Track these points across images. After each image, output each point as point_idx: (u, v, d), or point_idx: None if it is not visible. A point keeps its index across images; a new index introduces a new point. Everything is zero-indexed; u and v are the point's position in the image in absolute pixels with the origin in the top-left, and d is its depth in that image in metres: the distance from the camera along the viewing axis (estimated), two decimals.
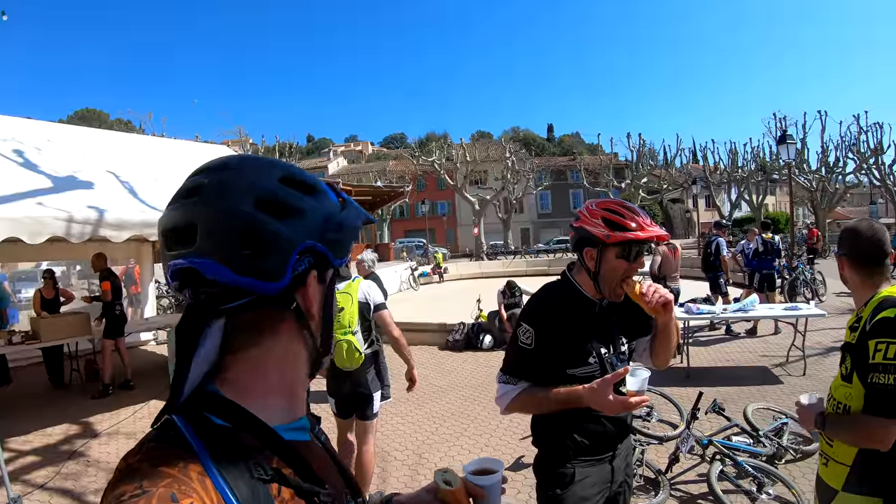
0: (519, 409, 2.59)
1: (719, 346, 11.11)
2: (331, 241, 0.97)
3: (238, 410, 0.91)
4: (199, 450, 0.83)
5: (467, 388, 9.08)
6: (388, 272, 22.32)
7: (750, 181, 45.33)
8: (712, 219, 37.60)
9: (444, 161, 51.27)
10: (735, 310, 9.75)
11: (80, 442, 7.38)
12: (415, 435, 7.12)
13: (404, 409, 8.09)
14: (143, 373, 10.82)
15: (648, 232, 2.40)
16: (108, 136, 11.24)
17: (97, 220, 6.66)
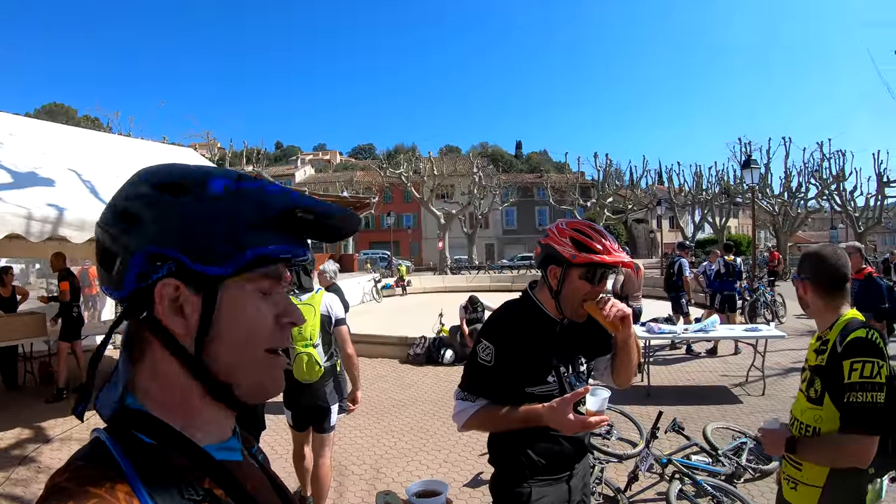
0: (477, 426, 2.56)
1: (680, 366, 11.23)
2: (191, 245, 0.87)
3: (165, 428, 0.88)
4: (126, 469, 0.80)
5: (427, 403, 9.04)
6: (351, 283, 22.31)
7: (713, 204, 46.01)
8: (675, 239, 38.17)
9: (411, 174, 51.24)
10: (696, 330, 9.86)
11: (31, 447, 7.22)
12: (373, 449, 7.05)
13: (363, 422, 8.03)
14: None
15: (614, 257, 2.39)
16: (73, 132, 11.06)
17: (57, 219, 6.54)
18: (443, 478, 6.03)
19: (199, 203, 0.88)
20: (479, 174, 51.00)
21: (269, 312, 0.92)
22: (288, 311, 0.95)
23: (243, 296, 0.90)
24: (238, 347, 0.90)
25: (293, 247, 0.92)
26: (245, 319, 0.90)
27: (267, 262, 0.90)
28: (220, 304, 0.89)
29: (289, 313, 0.95)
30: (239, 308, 0.90)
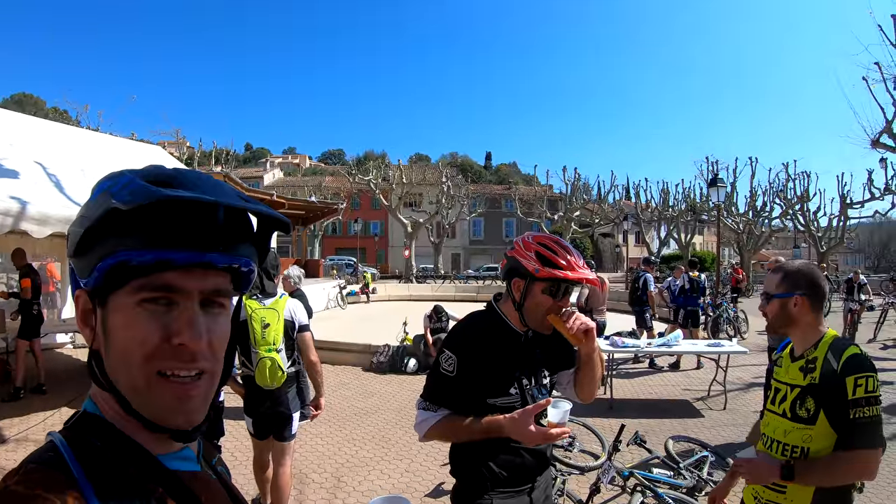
0: (438, 436, 2.55)
1: (643, 379, 11.30)
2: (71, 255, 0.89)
3: (117, 435, 0.88)
4: (78, 475, 0.80)
5: (389, 412, 8.99)
6: (316, 289, 22.24)
7: (679, 220, 46.57)
8: (641, 254, 38.50)
9: (380, 181, 51.20)
10: (659, 344, 9.96)
11: None
12: (334, 457, 6.99)
13: (324, 430, 7.97)
14: (57, 377, 10.47)
15: (578, 273, 2.38)
16: (41, 124, 10.89)
17: (19, 213, 6.42)
18: (404, 488, 6.04)
19: (81, 209, 0.88)
20: (447, 184, 51.12)
21: (151, 330, 0.85)
22: (180, 330, 0.86)
23: (123, 310, 0.86)
24: (120, 365, 0.87)
25: (160, 252, 0.82)
26: (121, 336, 0.86)
27: (143, 273, 0.84)
28: (107, 318, 0.87)
29: (179, 332, 0.86)
30: (119, 324, 0.86)
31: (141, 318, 0.85)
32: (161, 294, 0.85)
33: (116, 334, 0.86)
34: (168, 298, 0.86)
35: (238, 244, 0.89)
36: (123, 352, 0.85)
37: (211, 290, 0.89)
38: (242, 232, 0.90)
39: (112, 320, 0.86)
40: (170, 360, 0.86)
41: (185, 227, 0.82)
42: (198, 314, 0.87)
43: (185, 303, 0.87)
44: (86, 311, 0.89)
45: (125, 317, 0.85)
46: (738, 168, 43.51)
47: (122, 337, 0.85)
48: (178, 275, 0.85)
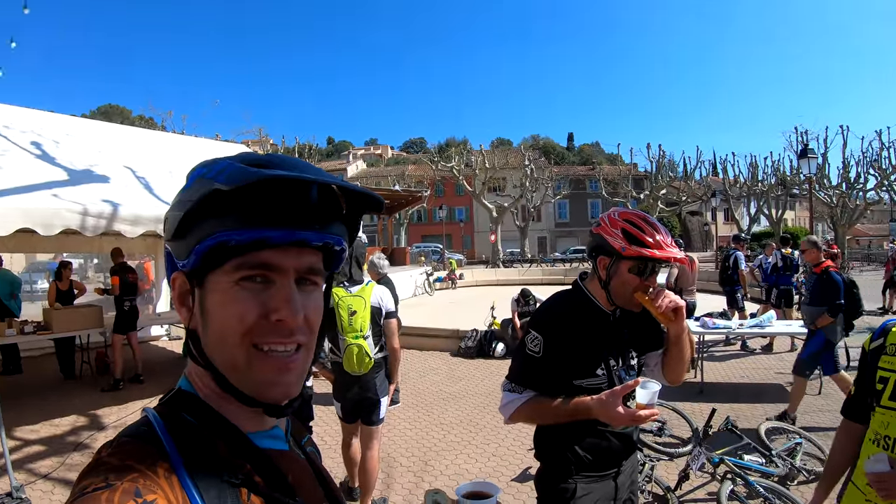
0: (524, 418, 2.50)
1: (734, 362, 10.98)
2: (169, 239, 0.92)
3: (208, 411, 0.91)
4: (169, 447, 0.82)
5: (477, 396, 9.00)
6: (403, 276, 22.35)
7: (769, 195, 44.91)
8: (730, 232, 37.34)
9: (462, 167, 51.11)
10: (751, 325, 9.55)
11: (86, 434, 7.42)
12: (422, 441, 7.05)
13: (413, 414, 8.06)
14: (153, 367, 10.93)
15: (665, 252, 2.29)
16: (127, 131, 11.35)
17: (111, 214, 6.66)
18: (491, 472, 6.04)
19: (178, 196, 0.90)
20: (530, 167, 50.74)
21: (249, 307, 0.87)
22: (278, 306, 0.87)
23: (220, 289, 0.88)
24: (218, 342, 0.89)
25: (258, 231, 0.84)
26: (219, 314, 0.88)
27: (240, 252, 0.85)
28: (205, 298, 0.89)
29: (277, 308, 0.87)
30: (216, 302, 0.88)
31: (239, 296, 0.87)
32: (258, 272, 0.87)
33: (215, 313, 0.88)
34: (265, 276, 0.87)
35: (331, 223, 0.91)
36: (222, 329, 0.88)
37: (306, 269, 0.91)
38: (334, 211, 0.91)
39: (210, 299, 0.88)
40: (268, 335, 0.88)
41: (281, 206, 0.84)
42: (294, 291, 0.89)
43: (282, 280, 0.88)
44: (183, 293, 0.92)
45: (223, 296, 0.87)
46: (829, 138, 41.54)
47: (221, 315, 0.87)
48: (275, 253, 0.86)
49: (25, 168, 6.92)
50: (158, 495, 0.74)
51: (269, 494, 0.87)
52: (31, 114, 9.39)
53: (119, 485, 0.73)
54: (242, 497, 0.84)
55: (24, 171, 6.76)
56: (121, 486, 0.73)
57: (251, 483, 0.86)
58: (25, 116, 9.08)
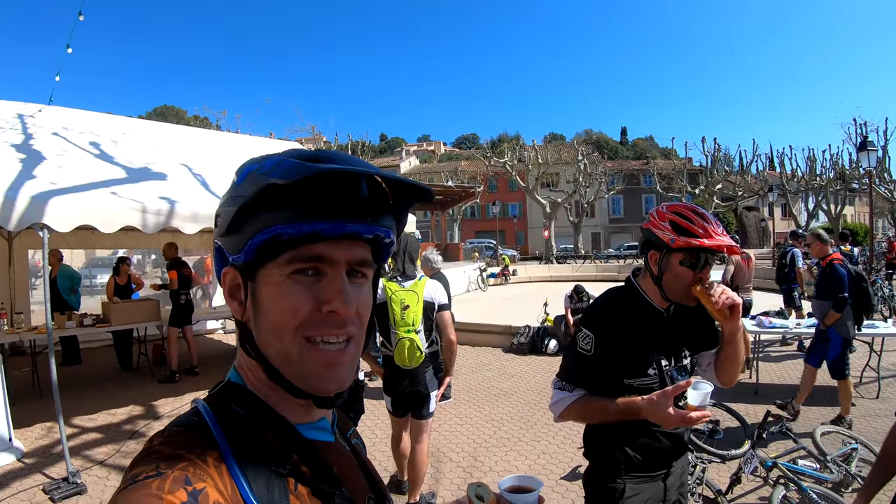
0: (574, 417, 2.48)
1: (790, 363, 10.65)
2: (221, 233, 0.92)
3: (257, 402, 0.93)
4: (218, 437, 0.85)
5: (529, 393, 8.96)
6: (456, 272, 22.39)
7: (828, 190, 43.85)
8: (788, 228, 36.55)
9: (515, 162, 51.05)
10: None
11: (142, 423, 7.63)
12: (472, 437, 7.05)
13: (463, 410, 8.06)
14: (208, 360, 11.16)
15: (716, 240, 2.23)
16: (183, 130, 11.59)
17: (169, 212, 6.78)
18: (540, 469, 6.02)
19: (229, 192, 0.91)
20: (583, 162, 50.47)
21: (303, 300, 0.89)
22: (330, 298, 0.89)
23: (273, 283, 0.89)
24: (272, 333, 0.90)
25: (311, 223, 0.85)
26: (272, 307, 0.89)
27: (293, 245, 0.87)
28: (257, 291, 0.91)
29: (330, 300, 0.89)
30: (269, 295, 0.89)
31: (292, 289, 0.88)
32: (311, 265, 0.88)
33: (268, 306, 0.90)
34: (317, 269, 0.89)
35: (381, 215, 0.92)
36: (275, 322, 0.89)
37: (357, 261, 0.92)
38: (384, 204, 0.92)
39: (263, 293, 0.90)
40: (321, 327, 0.89)
41: (334, 199, 0.85)
42: (346, 282, 0.91)
43: (334, 272, 0.90)
44: (234, 287, 0.94)
45: (276, 289, 0.89)
46: (889, 129, 40.49)
47: (275, 308, 0.89)
48: (327, 245, 0.88)
49: (84, 167, 7.07)
50: (208, 483, 0.76)
51: (316, 484, 0.89)
52: (88, 115, 9.65)
53: (170, 473, 0.75)
54: (289, 487, 0.86)
55: (83, 171, 6.91)
56: (171, 474, 0.75)
57: (298, 473, 0.88)
58: (83, 118, 9.33)
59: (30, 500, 5.49)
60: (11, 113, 8.53)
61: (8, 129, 7.68)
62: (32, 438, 7.06)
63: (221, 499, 0.77)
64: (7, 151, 6.84)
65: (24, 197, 5.70)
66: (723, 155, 48.70)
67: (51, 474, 6.01)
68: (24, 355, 10.08)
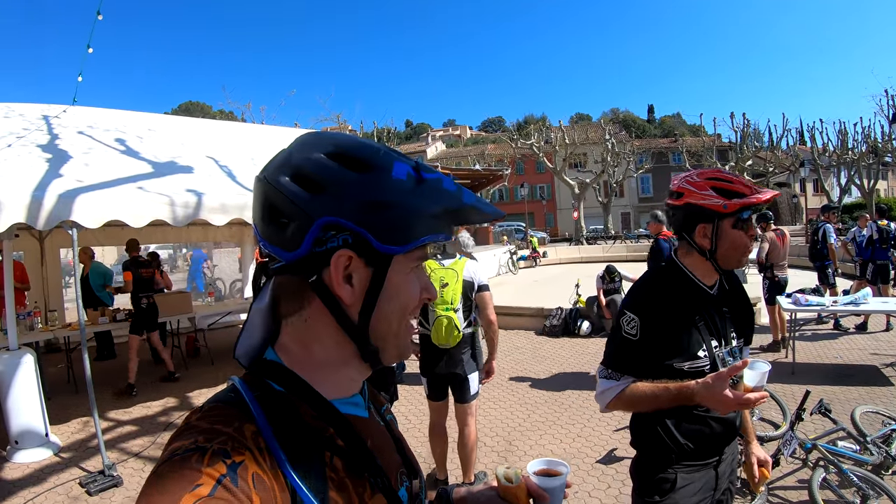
0: (622, 406, 2.34)
1: (826, 342, 10.47)
2: (372, 222, 0.92)
3: (294, 379, 0.96)
4: (256, 412, 0.88)
5: (563, 375, 8.91)
6: (486, 255, 22.43)
7: (860, 164, 42.93)
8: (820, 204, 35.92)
9: (542, 144, 50.91)
10: (846, 303, 8.93)
11: (177, 414, 7.75)
12: (506, 421, 7.01)
13: (497, 393, 8.04)
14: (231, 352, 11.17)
15: (765, 193, 2.18)
16: (206, 123, 11.62)
17: (197, 204, 6.77)
18: (575, 453, 5.96)
19: (383, 183, 0.93)
20: (611, 141, 50.14)
21: (417, 287, 1.01)
22: (428, 286, 1.03)
23: (403, 272, 0.98)
24: (392, 317, 0.98)
25: (446, 232, 0.99)
26: (402, 293, 0.98)
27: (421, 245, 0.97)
28: (384, 277, 0.95)
29: (428, 289, 1.03)
30: (400, 283, 0.97)
31: (414, 278, 1.00)
32: (423, 259, 1.02)
33: (397, 290, 0.97)
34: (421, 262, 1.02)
35: None
36: (401, 307, 0.99)
37: None
38: None
39: (393, 280, 0.96)
40: (417, 309, 1.03)
41: None
42: None
43: (423, 268, 1.05)
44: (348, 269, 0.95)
45: (406, 276, 0.99)
46: None
47: (402, 294, 0.98)
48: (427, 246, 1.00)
49: (111, 164, 7.09)
50: (246, 456, 0.79)
51: (351, 458, 0.93)
52: (112, 113, 9.70)
53: (208, 447, 0.78)
54: (325, 459, 0.90)
55: (109, 168, 6.92)
56: (210, 448, 0.77)
57: (334, 446, 0.92)
58: (107, 116, 9.39)
59: (67, 493, 5.56)
60: (36, 115, 8.58)
61: (34, 131, 7.71)
62: (69, 433, 7.16)
63: (260, 471, 0.80)
64: (33, 152, 6.88)
65: (52, 196, 5.72)
66: (752, 130, 48.12)
67: (87, 468, 6.10)
68: (60, 352, 10.19)
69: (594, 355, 9.98)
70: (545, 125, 58.93)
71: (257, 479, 0.78)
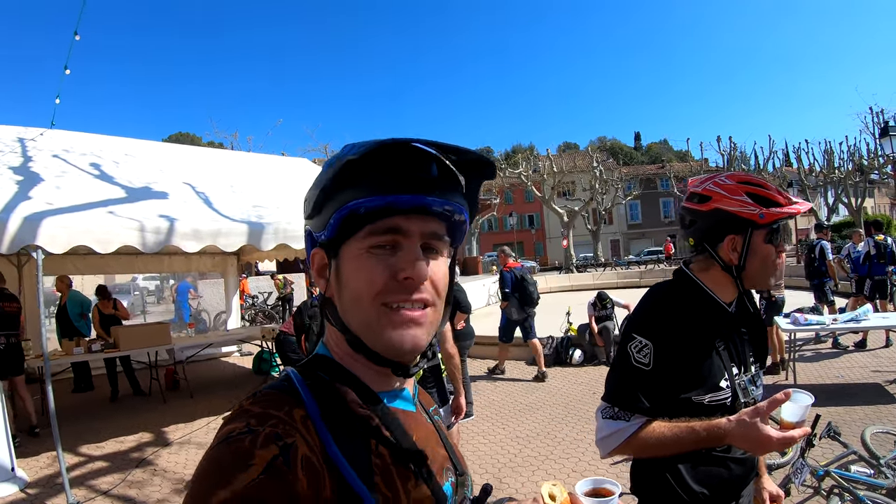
0: (632, 451, 1.94)
1: (826, 362, 10.23)
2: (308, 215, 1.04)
3: (341, 370, 1.00)
4: (306, 398, 0.92)
5: (555, 407, 8.57)
6: (475, 286, 22.21)
7: (847, 183, 43.00)
8: (809, 224, 36.00)
9: (530, 173, 51.04)
10: (846, 320, 8.69)
11: (150, 450, 7.44)
12: (496, 457, 6.68)
13: (486, 427, 7.72)
14: (224, 383, 11.07)
15: (802, 204, 1.89)
16: (189, 150, 11.55)
17: (169, 230, 6.60)
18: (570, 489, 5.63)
19: (315, 180, 1.01)
20: (599, 168, 50.25)
21: (380, 271, 0.94)
22: (405, 266, 0.94)
23: (353, 256, 0.96)
24: (352, 304, 0.97)
25: (387, 196, 0.92)
26: (353, 279, 0.96)
27: (371, 220, 0.94)
28: (340, 267, 0.99)
29: (404, 268, 0.94)
30: (351, 268, 0.96)
31: (370, 262, 0.95)
32: (388, 238, 0.95)
33: (349, 278, 0.97)
34: (394, 242, 0.95)
35: (451, 192, 0.99)
36: (356, 293, 0.96)
37: (430, 233, 0.98)
38: (453, 181, 0.99)
39: (345, 267, 0.97)
40: (397, 293, 0.95)
41: (406, 174, 0.93)
42: (420, 252, 0.96)
43: (409, 244, 0.96)
44: (321, 266, 1.03)
45: (356, 262, 0.96)
46: None
47: (354, 279, 0.96)
48: (403, 219, 0.95)
49: (83, 188, 6.94)
50: (297, 438, 0.82)
51: (397, 446, 0.95)
52: (90, 138, 9.53)
53: (261, 430, 0.81)
54: (371, 447, 0.92)
55: (81, 191, 6.77)
56: (263, 430, 0.81)
57: (380, 435, 0.94)
58: (85, 140, 9.23)
59: None
60: (12, 137, 8.45)
61: (8, 153, 7.61)
62: (38, 468, 6.93)
63: (309, 453, 0.82)
64: (4, 174, 6.76)
65: (17, 218, 5.58)
66: (739, 153, 48.30)
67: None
68: (36, 382, 9.76)
69: (587, 384, 9.75)
70: (533, 154, 59.11)
71: (306, 462, 0.81)
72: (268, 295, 21.26)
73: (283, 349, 8.18)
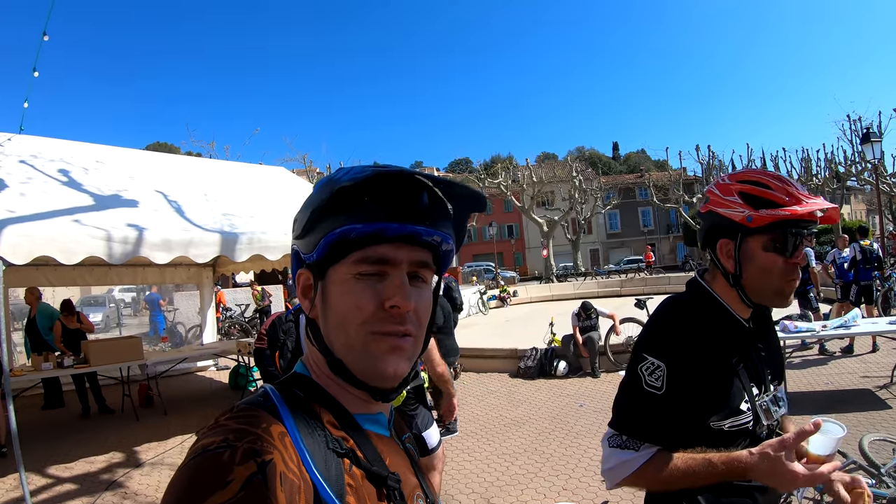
0: (643, 484, 1.73)
1: (815, 369, 10.13)
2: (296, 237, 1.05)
3: (318, 389, 1.00)
4: (283, 414, 0.90)
5: (542, 421, 8.33)
6: None
7: (824, 189, 43.29)
8: None
9: (510, 183, 51.36)
10: (836, 326, 8.50)
11: (121, 471, 7.13)
12: (482, 475, 6.42)
13: (471, 444, 7.45)
14: (199, 399, 10.89)
15: (809, 205, 1.60)
16: (162, 158, 11.17)
17: (137, 240, 6.37)
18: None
19: (306, 200, 1.02)
20: (578, 178, 50.56)
21: (367, 297, 0.94)
22: (392, 294, 0.94)
23: (340, 281, 0.96)
24: (338, 327, 0.96)
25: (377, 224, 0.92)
26: (340, 303, 0.96)
27: (361, 246, 0.94)
28: (327, 288, 0.98)
29: (391, 297, 0.94)
30: (337, 293, 0.96)
31: (357, 286, 0.95)
32: (376, 268, 0.95)
33: (336, 302, 0.96)
34: (381, 272, 0.95)
35: (439, 221, 0.99)
36: (342, 317, 0.95)
37: (418, 262, 0.99)
38: (443, 211, 0.99)
39: (332, 291, 0.97)
40: (383, 323, 0.95)
41: (397, 203, 0.93)
42: (406, 281, 0.96)
43: (395, 272, 0.96)
44: (306, 287, 1.03)
45: (344, 286, 0.96)
46: (884, 124, 39.11)
47: (341, 303, 0.95)
48: (391, 247, 0.95)
49: (49, 195, 6.67)
50: (275, 455, 0.80)
51: (370, 468, 0.93)
52: (60, 144, 9.19)
53: (239, 445, 0.79)
54: (345, 466, 0.90)
55: (47, 199, 6.51)
56: (241, 446, 0.79)
57: (354, 456, 0.93)
58: (54, 146, 8.87)
59: None
60: None
61: None
62: (4, 491, 6.64)
63: (286, 470, 0.80)
64: None
65: None
66: (717, 162, 48.69)
67: None
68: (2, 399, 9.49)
69: (573, 396, 9.55)
70: (512, 164, 59.41)
71: (284, 479, 0.79)
72: (245, 307, 20.88)
73: (262, 363, 7.94)
